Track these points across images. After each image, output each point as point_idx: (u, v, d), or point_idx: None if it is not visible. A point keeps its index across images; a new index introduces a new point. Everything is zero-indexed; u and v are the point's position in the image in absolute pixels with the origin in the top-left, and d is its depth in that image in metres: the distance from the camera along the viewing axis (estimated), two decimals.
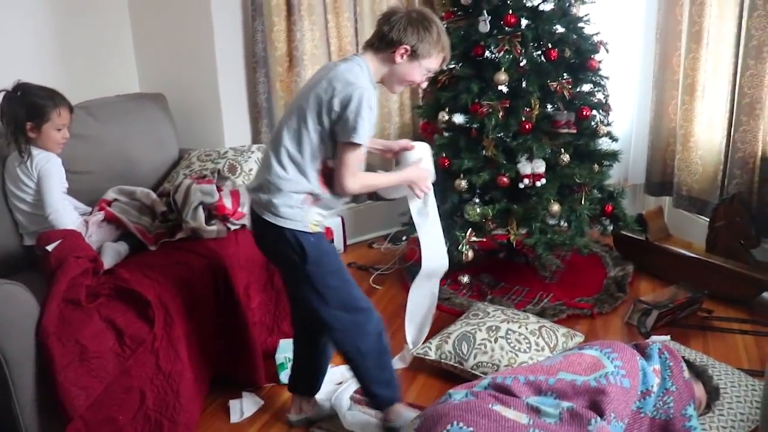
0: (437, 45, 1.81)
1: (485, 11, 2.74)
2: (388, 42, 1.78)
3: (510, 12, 2.73)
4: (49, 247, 1.99)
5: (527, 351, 2.29)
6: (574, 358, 1.77)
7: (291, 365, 2.19)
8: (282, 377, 2.32)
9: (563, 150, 2.78)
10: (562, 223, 2.89)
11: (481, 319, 2.45)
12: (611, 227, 3.04)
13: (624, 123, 3.59)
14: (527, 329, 2.37)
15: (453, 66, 2.87)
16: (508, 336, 2.33)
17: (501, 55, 2.72)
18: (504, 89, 2.81)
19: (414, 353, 2.36)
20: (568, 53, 2.80)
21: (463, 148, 2.83)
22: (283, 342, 2.37)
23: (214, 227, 2.37)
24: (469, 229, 2.79)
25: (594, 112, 2.88)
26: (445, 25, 2.94)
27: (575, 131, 2.79)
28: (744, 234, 2.84)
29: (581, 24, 2.84)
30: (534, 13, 2.80)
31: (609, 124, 2.96)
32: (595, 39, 2.86)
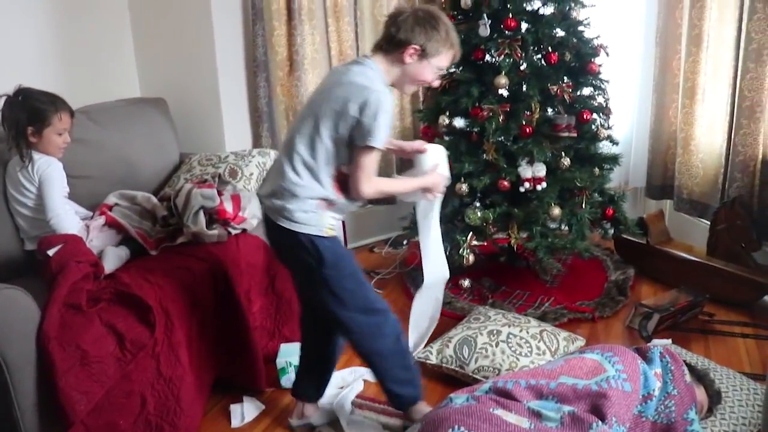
0: (446, 43, 1.79)
1: (485, 15, 2.74)
2: (396, 43, 1.76)
3: (510, 16, 2.73)
4: (50, 252, 1.99)
5: (528, 355, 2.29)
6: (575, 362, 1.77)
7: (296, 370, 2.18)
8: (283, 381, 2.31)
9: (564, 153, 2.78)
10: (562, 227, 2.89)
11: (482, 323, 2.44)
12: (612, 231, 3.04)
13: (624, 126, 3.59)
14: (528, 333, 2.37)
15: (453, 70, 2.87)
16: (509, 340, 2.33)
17: (501, 59, 2.72)
18: (504, 93, 2.81)
19: (415, 357, 2.36)
20: (568, 57, 2.80)
21: (464, 151, 2.83)
22: (284, 346, 2.37)
23: (214, 231, 2.37)
24: (470, 233, 2.79)
25: (594, 115, 2.88)
26: None
27: (576, 135, 2.79)
28: (745, 237, 2.84)
29: (581, 27, 2.85)
30: (534, 17, 2.80)
31: (609, 127, 2.96)
32: (596, 42, 2.86)
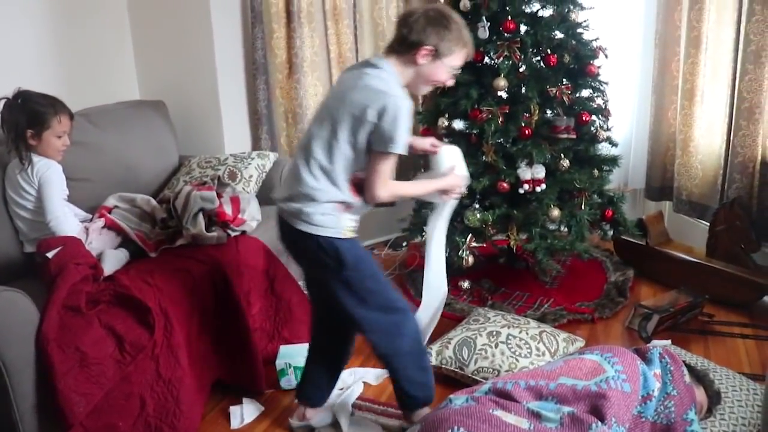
0: (459, 42, 1.76)
1: (484, 17, 2.74)
2: (409, 44, 1.74)
3: (509, 18, 2.74)
4: (49, 254, 1.99)
5: (528, 356, 2.29)
6: (574, 362, 1.77)
7: (296, 372, 2.18)
8: (282, 383, 2.31)
9: (563, 155, 2.78)
10: (562, 229, 2.89)
11: (482, 325, 2.44)
12: (611, 232, 3.04)
13: (623, 128, 3.59)
14: (528, 334, 2.37)
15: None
16: (508, 341, 2.33)
17: (500, 61, 2.72)
18: (503, 95, 2.81)
19: None
20: (567, 59, 2.80)
21: (463, 153, 2.82)
22: (284, 348, 2.37)
23: (214, 234, 2.37)
24: (470, 235, 2.79)
25: (593, 117, 2.88)
26: None
27: (575, 136, 2.79)
28: (744, 238, 2.84)
29: (580, 29, 2.85)
30: (533, 19, 2.80)
31: (608, 129, 2.96)
32: (594, 44, 2.86)
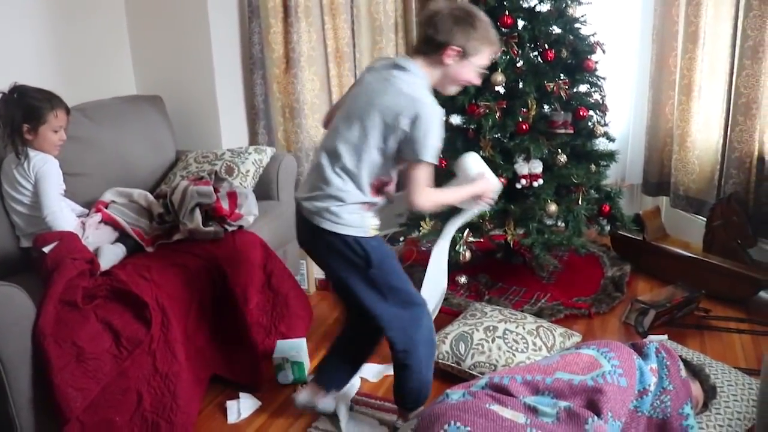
0: (485, 40, 1.75)
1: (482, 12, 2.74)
2: (435, 45, 1.72)
3: (507, 13, 2.74)
4: (46, 249, 1.99)
5: (525, 351, 2.29)
6: (571, 357, 1.78)
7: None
8: (279, 378, 2.32)
9: (560, 150, 2.78)
10: (559, 224, 2.89)
11: (479, 319, 2.45)
12: (608, 227, 3.04)
13: (621, 123, 3.59)
14: (525, 329, 2.37)
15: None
16: (505, 336, 2.33)
17: (498, 56, 2.72)
18: (501, 90, 2.81)
19: None
20: (564, 54, 2.80)
21: (461, 148, 2.82)
22: (281, 343, 2.37)
23: (211, 229, 2.37)
24: (467, 230, 2.79)
25: (591, 112, 2.88)
26: None
27: (572, 131, 2.79)
28: (741, 233, 2.84)
29: (578, 25, 2.84)
30: (531, 14, 2.80)
31: (606, 124, 2.96)
32: (592, 39, 2.86)
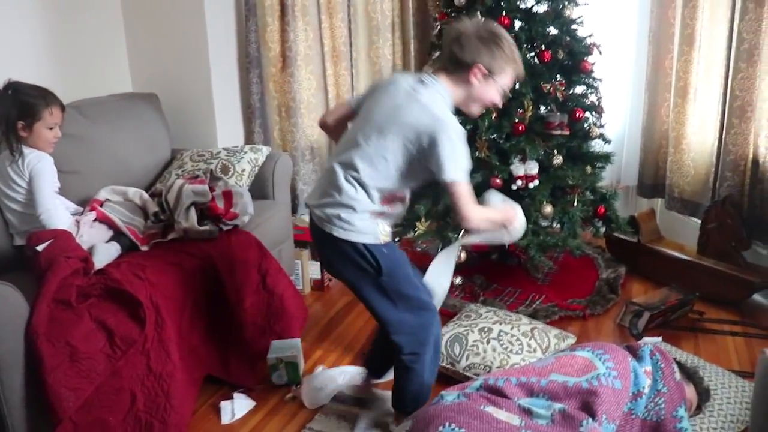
0: (510, 60, 1.77)
1: (479, 12, 2.74)
2: (462, 64, 1.75)
3: (503, 13, 2.74)
4: (39, 248, 1.98)
5: (519, 352, 2.29)
6: (566, 359, 1.78)
7: (285, 367, 2.22)
8: (274, 378, 2.31)
9: (556, 151, 2.78)
10: (554, 225, 2.90)
11: (474, 321, 2.45)
12: (604, 229, 3.04)
13: (617, 125, 3.59)
14: (519, 331, 2.37)
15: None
16: (500, 337, 2.33)
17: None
18: None
19: None
20: (561, 55, 2.80)
21: None
22: (275, 343, 2.36)
23: (206, 228, 2.36)
24: (462, 231, 2.78)
25: (587, 113, 2.88)
26: (439, 26, 2.97)
27: (568, 133, 2.80)
28: (735, 236, 2.85)
29: (574, 26, 2.85)
30: (527, 15, 2.80)
31: (602, 126, 2.97)
32: (588, 41, 2.86)
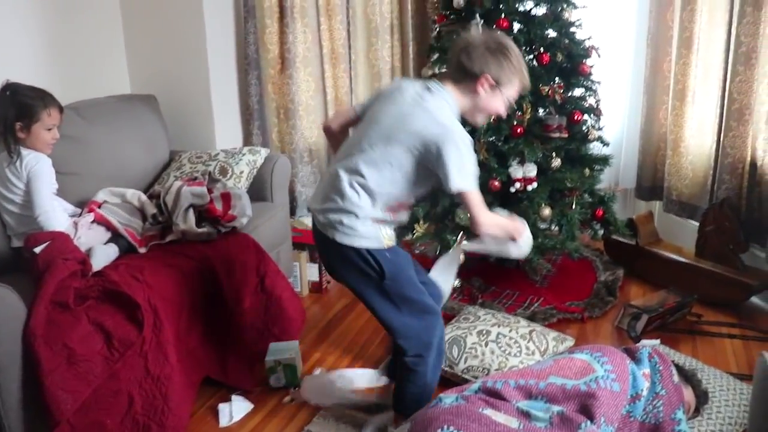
0: (517, 72, 1.79)
1: (478, 15, 2.74)
2: (470, 74, 1.76)
3: (502, 16, 2.74)
4: (37, 249, 1.97)
5: (518, 355, 2.29)
6: (564, 362, 1.78)
7: (284, 369, 2.22)
8: (272, 381, 2.30)
9: (554, 154, 2.78)
10: (553, 227, 2.90)
11: (472, 323, 2.45)
12: (602, 231, 3.04)
13: (615, 127, 3.60)
14: (518, 333, 2.37)
15: (445, 70, 2.87)
16: (498, 340, 2.33)
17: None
18: None
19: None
20: (560, 57, 2.81)
21: None
22: (274, 345, 2.35)
23: (204, 230, 2.36)
24: (461, 233, 2.78)
25: (585, 116, 2.88)
26: (438, 29, 2.97)
27: (567, 135, 2.80)
28: (733, 239, 2.86)
29: (573, 29, 2.85)
30: (526, 18, 2.81)
31: (600, 128, 2.97)
32: (587, 44, 2.86)
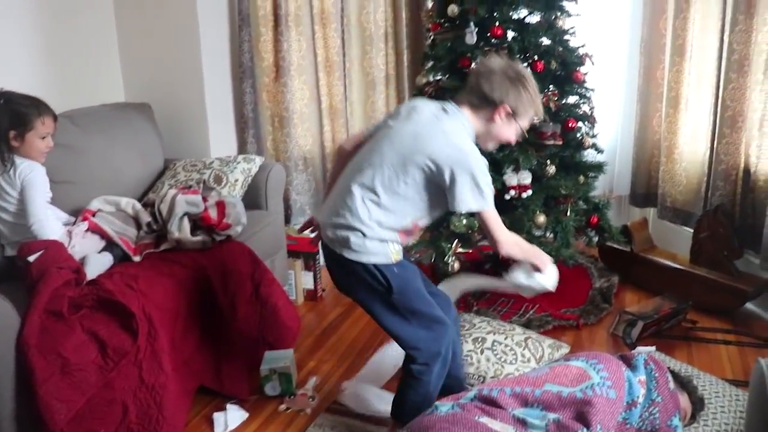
0: (532, 104, 1.82)
1: (472, 23, 2.75)
2: (489, 101, 1.79)
3: (497, 24, 2.75)
4: (30, 258, 1.97)
5: (513, 362, 2.29)
6: (560, 369, 1.77)
7: (279, 377, 2.19)
8: (267, 389, 2.29)
9: (549, 161, 2.79)
10: (547, 235, 2.90)
11: (467, 331, 2.44)
12: (596, 238, 3.05)
13: (609, 135, 3.61)
14: (513, 340, 2.37)
15: (440, 77, 2.88)
16: (494, 347, 2.33)
17: None
18: None
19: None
20: (554, 65, 2.82)
21: None
22: (269, 354, 2.35)
23: (199, 238, 2.35)
24: (455, 240, 2.79)
25: (579, 123, 2.89)
26: (432, 37, 2.98)
27: (561, 143, 2.81)
28: (727, 245, 2.86)
29: (567, 36, 2.87)
30: (520, 26, 2.82)
31: (594, 135, 2.98)
32: (581, 51, 2.88)
